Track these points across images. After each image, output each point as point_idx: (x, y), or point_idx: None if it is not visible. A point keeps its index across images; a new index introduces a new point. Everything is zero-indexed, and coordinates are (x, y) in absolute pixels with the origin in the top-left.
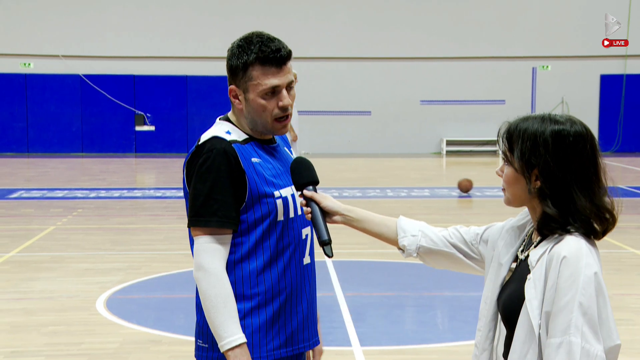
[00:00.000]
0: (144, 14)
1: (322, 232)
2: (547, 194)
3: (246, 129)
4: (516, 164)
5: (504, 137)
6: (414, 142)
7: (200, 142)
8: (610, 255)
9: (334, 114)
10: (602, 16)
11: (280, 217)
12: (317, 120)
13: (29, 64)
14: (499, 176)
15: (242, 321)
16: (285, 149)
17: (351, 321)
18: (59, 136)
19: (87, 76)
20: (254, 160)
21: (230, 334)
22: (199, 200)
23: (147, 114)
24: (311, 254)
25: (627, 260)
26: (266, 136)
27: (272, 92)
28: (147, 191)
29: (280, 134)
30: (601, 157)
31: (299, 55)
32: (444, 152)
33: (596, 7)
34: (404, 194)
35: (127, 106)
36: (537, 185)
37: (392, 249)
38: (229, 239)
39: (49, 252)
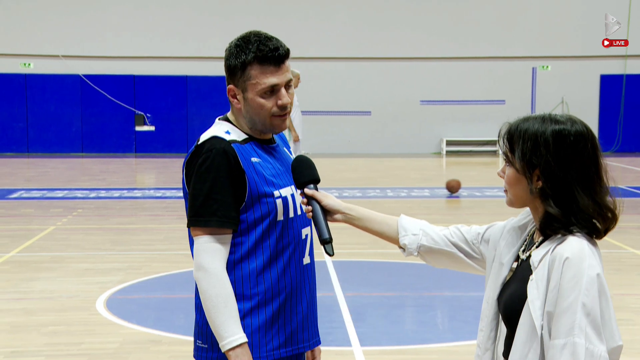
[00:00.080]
0: (143, 14)
1: (323, 231)
2: (549, 193)
3: (245, 128)
4: (517, 165)
5: (505, 138)
6: (414, 142)
7: (199, 142)
8: (610, 255)
9: (333, 114)
10: (602, 16)
11: (280, 217)
12: (317, 120)
13: (29, 64)
14: (501, 177)
15: (242, 321)
16: (284, 149)
17: (351, 321)
18: (59, 136)
19: (87, 76)
20: (254, 160)
21: (231, 333)
22: (199, 200)
23: (147, 114)
24: (311, 253)
25: (627, 260)
26: (265, 136)
27: (271, 91)
28: (147, 191)
29: (280, 130)
30: (602, 156)
31: (299, 55)
32: (444, 152)
33: (596, 7)
34: (404, 194)
35: (127, 106)
36: (538, 185)
37: (393, 248)
38: (229, 238)
39: (49, 252)
